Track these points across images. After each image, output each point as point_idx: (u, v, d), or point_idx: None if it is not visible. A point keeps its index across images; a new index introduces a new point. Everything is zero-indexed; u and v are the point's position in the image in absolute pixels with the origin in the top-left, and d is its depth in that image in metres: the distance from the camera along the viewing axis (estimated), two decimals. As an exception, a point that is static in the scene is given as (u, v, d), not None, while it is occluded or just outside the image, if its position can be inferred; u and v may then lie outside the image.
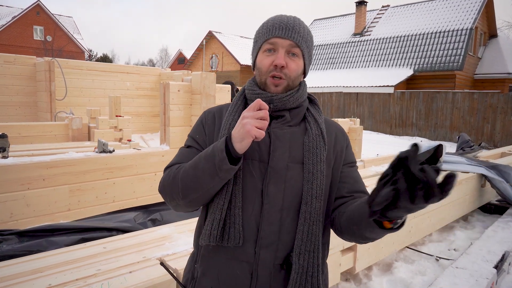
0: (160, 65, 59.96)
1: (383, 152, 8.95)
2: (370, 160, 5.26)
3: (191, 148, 1.14)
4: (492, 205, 5.03)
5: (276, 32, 1.07)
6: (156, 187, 4.30)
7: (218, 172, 0.96)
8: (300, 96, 1.12)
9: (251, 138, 0.93)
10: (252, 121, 0.92)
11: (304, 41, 1.10)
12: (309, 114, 1.15)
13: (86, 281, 1.70)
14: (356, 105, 16.54)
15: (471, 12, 18.12)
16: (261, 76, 1.10)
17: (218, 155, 0.95)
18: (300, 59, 1.10)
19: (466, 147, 6.65)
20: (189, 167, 1.02)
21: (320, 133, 1.10)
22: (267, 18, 1.15)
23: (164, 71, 11.00)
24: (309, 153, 1.07)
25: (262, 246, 1.03)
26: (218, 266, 1.06)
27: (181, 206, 1.08)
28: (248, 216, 1.04)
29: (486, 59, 19.64)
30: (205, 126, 1.15)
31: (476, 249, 3.20)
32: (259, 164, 1.05)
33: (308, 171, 1.05)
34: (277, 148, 1.06)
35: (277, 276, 1.05)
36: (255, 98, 1.10)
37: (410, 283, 2.99)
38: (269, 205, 1.04)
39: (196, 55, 34.43)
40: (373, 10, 23.24)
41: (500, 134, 12.74)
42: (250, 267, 1.04)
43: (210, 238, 1.02)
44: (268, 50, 1.09)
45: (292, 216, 1.05)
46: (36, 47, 31.89)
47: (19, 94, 8.79)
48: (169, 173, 1.08)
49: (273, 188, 1.04)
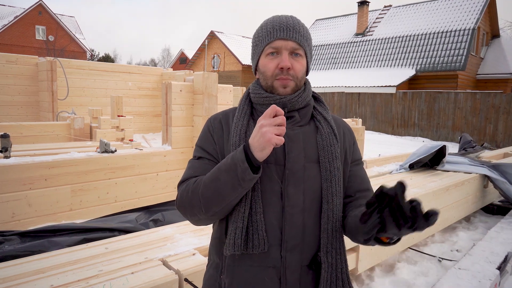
0: (162, 65, 60.07)
1: (385, 152, 8.93)
2: (372, 161, 5.25)
3: (202, 159, 1.12)
4: (494, 206, 5.00)
5: (278, 34, 1.06)
6: (158, 187, 4.30)
7: (241, 183, 0.95)
8: (307, 95, 1.12)
9: (272, 146, 0.92)
10: (271, 129, 0.91)
11: (305, 40, 1.10)
12: (317, 113, 1.15)
13: (88, 282, 1.69)
14: (358, 105, 16.51)
15: (473, 12, 18.07)
16: (267, 80, 1.09)
17: (240, 166, 0.93)
18: (303, 59, 1.10)
19: (468, 147, 6.63)
20: (209, 180, 1.00)
21: (331, 131, 1.11)
22: (264, 20, 1.13)
23: (166, 71, 11.01)
24: (324, 151, 1.07)
25: (288, 249, 1.03)
26: (246, 274, 1.05)
27: (203, 220, 1.06)
28: (271, 221, 1.03)
29: (488, 59, 19.58)
30: (213, 134, 1.13)
31: (479, 250, 3.19)
32: (275, 167, 1.04)
33: (325, 170, 1.06)
34: (292, 149, 1.05)
35: (305, 277, 1.05)
36: (263, 101, 1.10)
37: (413, 284, 2.98)
38: (290, 207, 1.03)
39: (198, 55, 34.45)
40: (375, 10, 23.21)
41: (502, 134, 12.70)
42: (277, 272, 1.03)
43: (235, 248, 1.01)
44: (271, 53, 1.08)
45: (314, 216, 1.06)
46: (38, 47, 31.96)
47: (21, 94, 8.82)
48: (186, 188, 1.06)
49: (292, 189, 1.04)
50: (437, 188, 3.75)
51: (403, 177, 4.29)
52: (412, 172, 4.64)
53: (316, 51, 23.52)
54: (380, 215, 0.81)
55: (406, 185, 0.77)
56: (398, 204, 0.77)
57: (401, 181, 0.77)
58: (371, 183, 1.25)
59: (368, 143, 10.03)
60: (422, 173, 4.57)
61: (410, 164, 4.79)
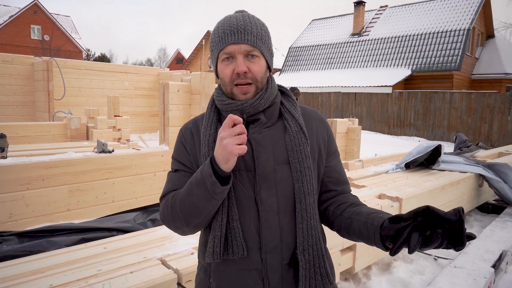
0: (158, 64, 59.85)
1: (381, 152, 8.98)
2: (368, 160, 5.28)
3: (179, 172, 1.13)
4: (489, 205, 5.05)
5: (229, 39, 1.03)
6: (155, 187, 4.31)
7: (213, 195, 0.96)
8: (270, 94, 1.10)
9: (236, 157, 0.93)
10: (231, 140, 0.91)
11: (260, 39, 1.05)
12: (285, 110, 1.13)
13: (88, 281, 1.70)
14: (355, 105, 16.57)
15: (468, 12, 18.19)
16: (226, 87, 1.07)
17: (208, 180, 0.94)
18: (261, 58, 1.07)
19: (463, 147, 6.68)
20: (184, 195, 1.02)
21: (299, 129, 1.09)
22: (216, 23, 1.09)
23: (163, 71, 11.00)
24: (293, 151, 1.07)
25: (267, 251, 1.05)
26: (231, 278, 1.08)
27: (188, 231, 1.09)
28: (248, 226, 1.05)
29: (483, 60, 19.71)
30: (186, 145, 1.14)
31: (474, 248, 3.22)
32: (246, 173, 1.05)
33: (296, 170, 1.06)
34: (260, 154, 1.05)
35: (287, 275, 1.07)
36: (226, 108, 1.09)
37: (409, 283, 3.00)
38: (265, 211, 1.05)
39: (194, 55, 34.41)
40: (371, 11, 23.28)
41: (497, 134, 12.79)
42: (259, 274, 1.06)
43: (214, 256, 1.04)
44: (226, 59, 1.05)
45: (289, 216, 1.07)
46: (33, 46, 31.79)
47: (16, 94, 8.78)
48: (166, 203, 1.08)
49: (265, 193, 1.05)
50: (433, 187, 3.78)
51: (399, 177, 4.32)
52: (408, 172, 4.67)
53: (313, 51, 23.57)
54: (419, 231, 0.87)
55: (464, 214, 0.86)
56: (459, 229, 0.84)
57: (461, 208, 0.86)
58: (368, 182, 1.28)
59: (365, 143, 10.08)
60: (418, 173, 4.60)
61: (406, 163, 4.82)
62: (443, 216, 0.85)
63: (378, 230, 0.98)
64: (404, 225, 0.88)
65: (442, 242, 0.85)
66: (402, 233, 0.88)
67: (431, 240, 0.85)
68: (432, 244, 0.86)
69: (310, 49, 23.80)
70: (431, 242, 0.85)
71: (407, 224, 0.88)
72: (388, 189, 3.61)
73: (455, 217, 0.84)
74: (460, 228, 0.84)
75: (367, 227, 1.02)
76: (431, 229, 0.86)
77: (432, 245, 0.86)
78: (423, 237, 0.86)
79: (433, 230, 0.85)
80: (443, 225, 0.85)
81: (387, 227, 0.92)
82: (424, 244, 0.86)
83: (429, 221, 0.87)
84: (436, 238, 0.85)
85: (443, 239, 0.85)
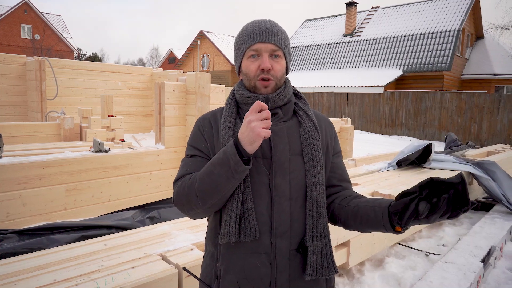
0: (150, 64, 59.55)
1: (373, 151, 9.09)
2: (361, 159, 5.37)
3: (195, 157, 1.20)
4: (479, 202, 5.17)
5: (258, 38, 1.15)
6: (151, 186, 4.34)
7: (234, 175, 1.03)
8: (287, 93, 1.21)
9: (261, 139, 1.00)
10: (259, 123, 0.99)
11: (284, 42, 1.18)
12: (298, 108, 1.24)
13: (90, 277, 1.74)
14: (347, 105, 16.71)
15: (458, 14, 18.46)
16: (250, 81, 1.18)
17: (232, 159, 1.01)
18: (282, 60, 1.19)
19: (453, 146, 6.81)
20: (204, 175, 1.08)
21: (313, 125, 1.20)
22: (244, 25, 1.21)
23: (156, 71, 10.98)
24: (307, 144, 1.17)
25: (277, 235, 1.12)
26: (239, 261, 1.13)
27: (200, 213, 1.14)
28: (261, 211, 1.11)
29: (473, 60, 20.03)
30: (204, 133, 1.21)
31: (464, 244, 3.32)
32: (263, 160, 1.13)
33: (309, 161, 1.16)
34: (277, 143, 1.14)
35: (294, 261, 1.14)
36: (247, 101, 1.18)
37: (401, 278, 3.08)
38: (278, 197, 1.12)
39: (187, 55, 34.31)
40: (363, 11, 23.48)
41: (486, 133, 13.02)
42: (268, 257, 1.12)
43: (230, 236, 1.09)
44: (253, 56, 1.16)
45: (300, 203, 1.15)
46: (24, 45, 31.41)
47: (8, 94, 8.70)
48: (182, 184, 1.13)
49: (279, 180, 1.13)
50: (424, 185, 3.87)
51: (391, 175, 4.41)
52: (400, 170, 4.77)
53: (305, 51, 23.69)
54: (428, 202, 0.92)
55: (465, 179, 0.91)
56: (463, 191, 0.90)
57: (462, 173, 0.91)
58: (361, 180, 1.36)
59: (357, 142, 10.19)
60: (409, 171, 4.70)
61: (397, 162, 4.92)
62: (447, 181, 0.91)
63: (386, 210, 1.03)
64: (411, 198, 0.94)
65: (449, 207, 0.91)
66: (409, 206, 0.94)
67: (438, 206, 0.91)
68: (440, 209, 0.91)
69: (303, 49, 23.92)
70: (439, 207, 0.91)
71: (414, 197, 0.94)
72: (380, 187, 3.70)
73: (458, 180, 0.90)
74: (464, 189, 0.90)
75: (374, 210, 1.09)
76: (437, 197, 0.92)
77: (440, 211, 0.91)
78: (430, 204, 0.92)
79: (439, 198, 0.91)
80: (448, 191, 0.91)
81: (394, 204, 0.99)
82: (432, 210, 0.92)
83: (434, 192, 0.93)
84: (443, 204, 0.90)
85: (449, 204, 0.90)
